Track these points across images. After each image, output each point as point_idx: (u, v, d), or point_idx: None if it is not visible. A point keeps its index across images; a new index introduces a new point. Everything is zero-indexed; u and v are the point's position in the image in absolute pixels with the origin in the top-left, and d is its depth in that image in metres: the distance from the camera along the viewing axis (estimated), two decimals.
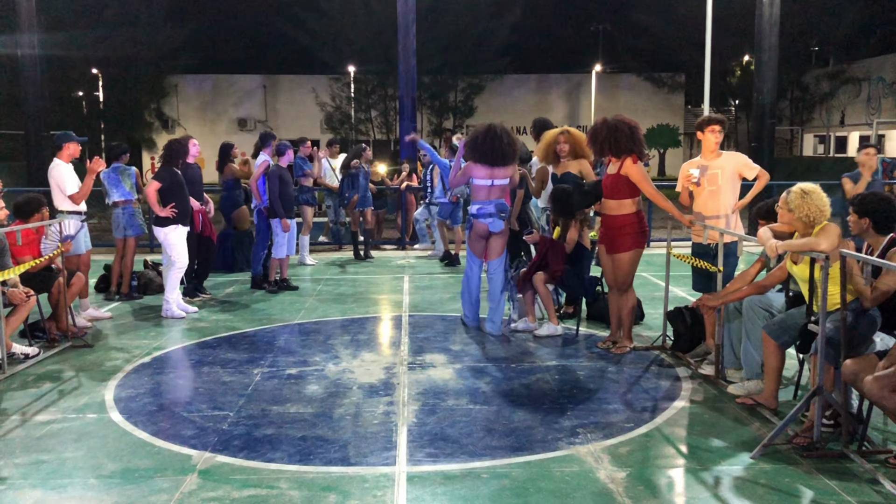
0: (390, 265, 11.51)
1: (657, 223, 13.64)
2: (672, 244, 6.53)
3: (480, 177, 6.85)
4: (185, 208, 7.95)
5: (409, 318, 7.81)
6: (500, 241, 7.06)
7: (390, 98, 34.27)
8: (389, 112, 35.00)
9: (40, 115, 16.85)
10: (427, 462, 4.20)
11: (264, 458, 4.25)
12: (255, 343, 6.90)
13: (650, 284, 9.38)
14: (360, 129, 36.05)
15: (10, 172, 19.13)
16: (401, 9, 14.85)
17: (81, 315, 7.62)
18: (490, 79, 36.16)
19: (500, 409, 5.05)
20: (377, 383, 5.66)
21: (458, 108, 36.18)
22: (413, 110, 15.16)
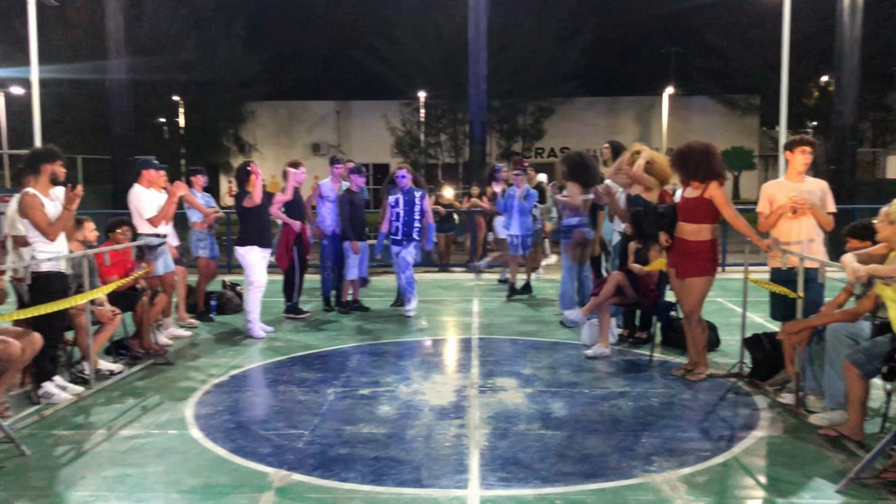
0: (460, 287, 11.55)
1: (733, 247, 13.34)
2: (749, 269, 6.38)
3: (583, 194, 8.25)
4: (265, 229, 8.17)
5: (479, 341, 7.82)
6: (590, 249, 8.39)
7: (459, 122, 34.52)
8: (459, 136, 35.25)
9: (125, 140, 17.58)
10: (499, 486, 4.19)
11: (338, 478, 4.31)
12: (329, 363, 7.01)
13: (726, 310, 9.17)
14: (429, 152, 36.40)
15: (96, 196, 19.96)
16: (472, 35, 15.02)
17: (163, 333, 7.88)
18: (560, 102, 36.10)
19: (572, 435, 5.01)
20: (448, 406, 5.68)
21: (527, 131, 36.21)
22: (483, 134, 15.26)
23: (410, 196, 9.03)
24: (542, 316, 9.19)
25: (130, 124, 17.91)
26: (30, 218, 5.76)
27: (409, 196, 9.03)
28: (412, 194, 9.03)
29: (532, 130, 36.50)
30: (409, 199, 9.02)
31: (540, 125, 36.49)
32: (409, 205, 9.00)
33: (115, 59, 17.08)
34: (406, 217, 8.96)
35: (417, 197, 9.01)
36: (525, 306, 9.86)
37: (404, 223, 8.97)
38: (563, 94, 35.52)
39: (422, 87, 34.91)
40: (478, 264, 10.32)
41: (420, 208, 9.00)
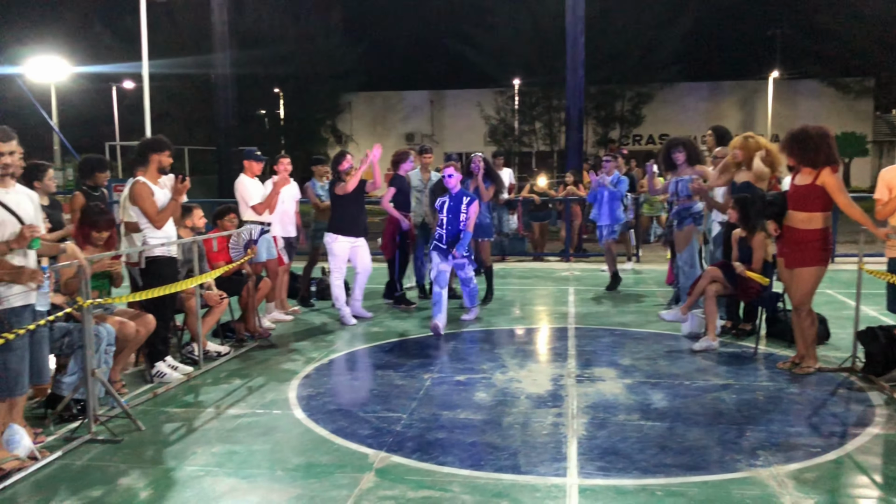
0: (554, 276, 11.46)
1: (844, 237, 12.72)
2: (864, 259, 6.07)
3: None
4: (353, 219, 8.23)
5: (576, 331, 7.74)
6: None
7: (555, 109, 34.14)
8: (554, 123, 34.88)
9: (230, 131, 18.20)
10: (598, 476, 4.14)
11: (437, 461, 4.36)
12: (425, 349, 7.09)
13: (836, 302, 8.76)
14: (523, 140, 36.19)
15: (202, 185, 20.75)
16: (569, 20, 14.81)
17: (266, 318, 8.14)
18: (659, 87, 35.23)
19: (672, 427, 4.90)
20: (545, 394, 5.65)
21: (625, 117, 35.52)
22: (580, 121, 15.06)
23: (457, 201, 7.83)
24: (641, 306, 9.01)
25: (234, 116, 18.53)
26: (139, 206, 6.04)
27: (455, 201, 7.84)
28: (459, 199, 7.83)
29: (630, 117, 35.77)
30: (455, 206, 7.81)
31: (638, 111, 35.72)
32: (454, 212, 7.79)
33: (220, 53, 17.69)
34: (450, 226, 7.79)
35: (464, 204, 7.78)
36: (623, 296, 9.69)
37: (447, 230, 7.81)
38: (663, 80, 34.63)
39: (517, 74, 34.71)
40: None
41: (466, 216, 7.76)
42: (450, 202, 7.82)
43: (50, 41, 30.00)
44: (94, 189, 6.98)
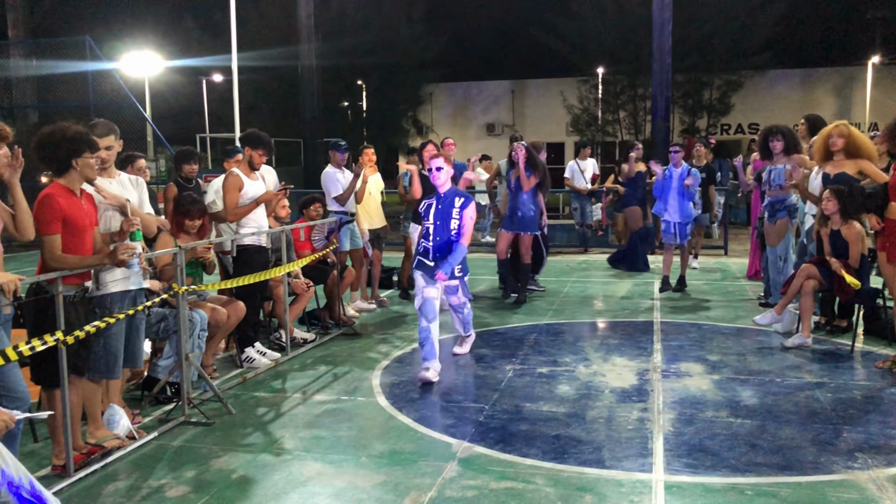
0: None
1: None
2: None
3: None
4: None
5: (661, 325, 7.59)
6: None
7: (640, 98, 33.45)
8: (639, 112, 34.18)
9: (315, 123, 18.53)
10: (686, 472, 4.05)
11: (520, 453, 4.34)
12: (506, 340, 7.07)
13: None
14: (606, 130, 35.58)
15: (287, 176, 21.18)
16: (656, 6, 14.48)
17: (350, 306, 8.28)
18: (749, 75, 34.05)
19: (763, 425, 4.75)
20: (630, 389, 5.56)
21: (712, 106, 34.47)
22: (667, 110, 14.72)
23: (448, 203, 5.97)
24: (730, 300, 8.76)
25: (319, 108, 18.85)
26: (224, 195, 6.23)
27: (445, 203, 5.98)
28: (450, 200, 5.97)
29: (718, 105, 34.68)
30: (445, 209, 5.96)
31: (727, 100, 34.62)
32: (444, 217, 5.96)
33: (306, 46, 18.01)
34: (438, 236, 5.94)
35: (456, 207, 5.93)
36: (711, 290, 9.45)
37: (436, 242, 5.94)
38: (754, 67, 33.43)
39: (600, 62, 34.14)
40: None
41: (459, 224, 5.94)
42: (437, 205, 5.98)
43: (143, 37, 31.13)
44: (187, 181, 7.22)
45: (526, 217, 8.52)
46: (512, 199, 8.55)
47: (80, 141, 4.13)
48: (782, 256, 7.63)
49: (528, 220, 8.55)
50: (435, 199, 6.01)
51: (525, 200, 8.48)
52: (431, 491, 3.87)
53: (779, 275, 7.56)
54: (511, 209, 8.56)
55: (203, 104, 37.23)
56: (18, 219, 3.94)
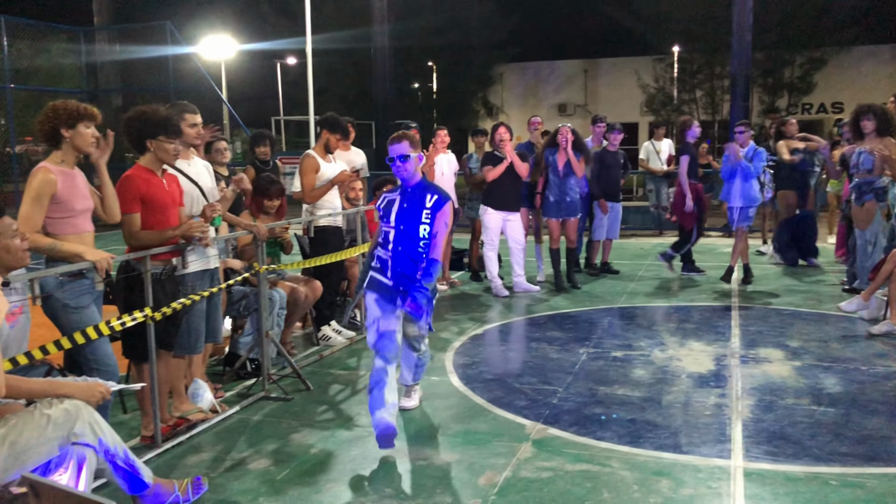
0: (715, 252, 11.00)
1: None
2: None
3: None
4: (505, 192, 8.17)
5: (739, 309, 7.41)
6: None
7: (717, 77, 32.53)
8: (716, 91, 33.27)
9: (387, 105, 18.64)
10: (766, 460, 3.97)
11: (594, 436, 4.32)
12: (579, 323, 7.02)
13: None
14: (682, 110, 34.74)
15: None
16: None
17: None
18: (834, 52, 32.70)
19: (848, 414, 4.60)
20: (707, 374, 5.46)
21: (794, 85, 33.27)
22: (746, 88, 14.29)
23: (416, 202, 4.40)
24: (811, 284, 8.50)
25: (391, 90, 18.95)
26: (300, 177, 6.35)
27: (412, 200, 4.41)
28: (419, 198, 4.40)
29: (800, 84, 33.46)
30: (413, 209, 4.40)
31: (809, 78, 33.37)
32: (410, 220, 4.38)
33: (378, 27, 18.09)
34: (401, 244, 4.39)
35: (427, 206, 4.38)
36: (791, 274, 9.18)
37: (397, 254, 4.40)
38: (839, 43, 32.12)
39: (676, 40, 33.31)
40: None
41: (430, 231, 4.37)
42: (403, 202, 4.41)
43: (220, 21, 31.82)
44: (264, 163, 7.36)
45: (574, 201, 8.40)
46: (559, 185, 8.34)
47: (154, 124, 4.25)
48: (871, 241, 7.34)
49: (576, 204, 8.45)
50: (399, 196, 4.41)
51: (573, 185, 8.35)
52: (506, 471, 3.89)
53: (867, 260, 7.28)
54: (559, 195, 8.35)
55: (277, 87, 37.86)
56: (105, 201, 4.09)
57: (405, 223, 4.38)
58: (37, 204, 3.75)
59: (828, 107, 35.73)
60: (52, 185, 3.77)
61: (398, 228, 4.39)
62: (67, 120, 3.86)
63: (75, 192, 3.88)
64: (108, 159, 4.08)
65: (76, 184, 3.91)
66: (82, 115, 3.88)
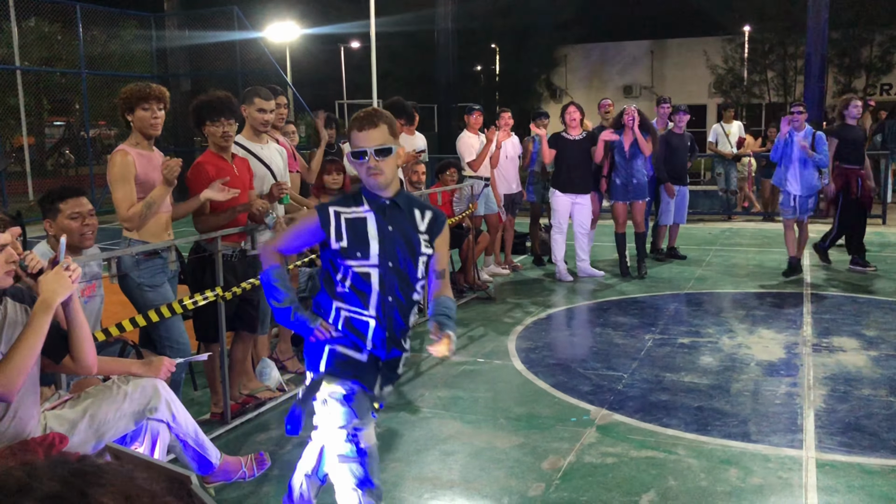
0: None
1: None
2: None
3: None
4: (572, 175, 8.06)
5: (812, 297, 7.19)
6: None
7: (790, 57, 31.50)
8: (788, 72, 32.24)
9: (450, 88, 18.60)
10: (840, 451, 3.85)
11: (660, 423, 4.26)
12: (645, 309, 6.92)
13: None
14: (753, 91, 33.80)
15: None
16: None
17: (485, 270, 8.33)
18: None
19: None
20: (777, 362, 5.32)
21: (872, 64, 32.00)
22: (822, 69, 13.79)
23: (403, 218, 2.75)
24: (889, 273, 8.18)
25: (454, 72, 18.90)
26: None
27: (397, 218, 2.74)
28: (407, 212, 2.76)
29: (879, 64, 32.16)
30: (400, 231, 2.73)
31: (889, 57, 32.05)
32: (401, 246, 2.72)
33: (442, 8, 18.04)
34: (392, 284, 2.71)
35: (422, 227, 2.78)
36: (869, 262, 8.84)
37: (386, 308, 2.71)
38: None
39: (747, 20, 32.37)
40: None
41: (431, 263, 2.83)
42: (382, 225, 2.72)
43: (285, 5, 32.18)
44: (329, 146, 7.40)
45: (641, 184, 8.16)
46: (626, 167, 8.11)
47: (203, 109, 4.31)
48: None
49: (643, 186, 8.21)
50: (373, 215, 2.70)
51: (640, 166, 8.11)
52: (570, 456, 3.87)
53: None
54: (625, 177, 8.12)
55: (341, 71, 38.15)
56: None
57: (393, 257, 2.68)
58: (125, 184, 3.88)
59: None
60: (131, 166, 3.88)
61: (384, 266, 2.66)
62: (127, 104, 3.97)
63: (153, 173, 3.99)
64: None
65: (154, 165, 4.01)
66: (140, 98, 3.96)
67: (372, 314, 2.70)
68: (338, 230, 2.68)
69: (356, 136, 2.69)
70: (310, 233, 2.75)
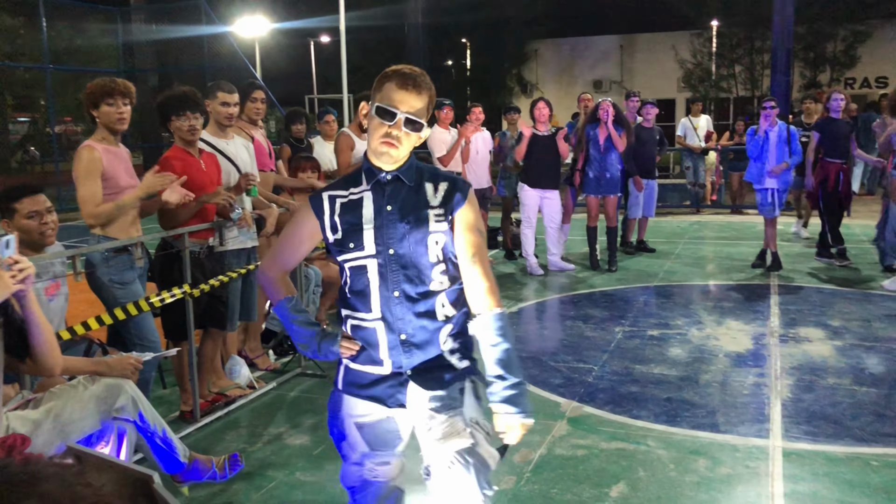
0: (754, 230, 10.82)
1: None
2: None
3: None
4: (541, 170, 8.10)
5: (779, 288, 7.30)
6: None
7: (757, 52, 31.90)
8: (756, 66, 32.62)
9: None
10: (805, 440, 3.91)
11: (630, 415, 4.30)
12: (615, 302, 6.97)
13: None
14: (721, 85, 34.15)
15: None
16: None
17: None
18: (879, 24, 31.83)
19: (890, 394, 4.52)
20: (745, 353, 5.39)
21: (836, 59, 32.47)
22: (787, 63, 13.96)
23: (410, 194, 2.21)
24: (854, 263, 8.31)
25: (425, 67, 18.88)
26: (336, 156, 6.37)
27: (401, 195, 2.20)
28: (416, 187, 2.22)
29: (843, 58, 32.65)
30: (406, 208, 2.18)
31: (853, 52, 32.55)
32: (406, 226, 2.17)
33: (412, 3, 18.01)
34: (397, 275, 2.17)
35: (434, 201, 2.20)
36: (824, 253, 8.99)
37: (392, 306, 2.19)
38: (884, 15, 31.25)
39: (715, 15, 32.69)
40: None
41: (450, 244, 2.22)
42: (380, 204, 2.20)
43: None
44: (298, 141, 7.36)
45: (614, 178, 8.23)
46: (600, 161, 8.16)
47: (167, 104, 4.27)
48: None
49: (616, 181, 8.27)
50: (370, 192, 2.22)
51: (613, 161, 8.16)
52: (541, 448, 3.88)
53: None
54: (599, 171, 8.18)
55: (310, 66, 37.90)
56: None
57: (396, 242, 2.17)
58: (91, 180, 3.82)
59: (871, 81, 34.84)
60: (97, 162, 3.83)
61: (384, 254, 2.17)
62: (91, 100, 3.92)
63: (120, 168, 3.93)
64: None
65: (121, 160, 3.96)
66: (104, 94, 3.91)
67: (377, 317, 2.19)
68: (332, 220, 2.21)
69: (391, 90, 2.17)
70: (305, 230, 2.27)
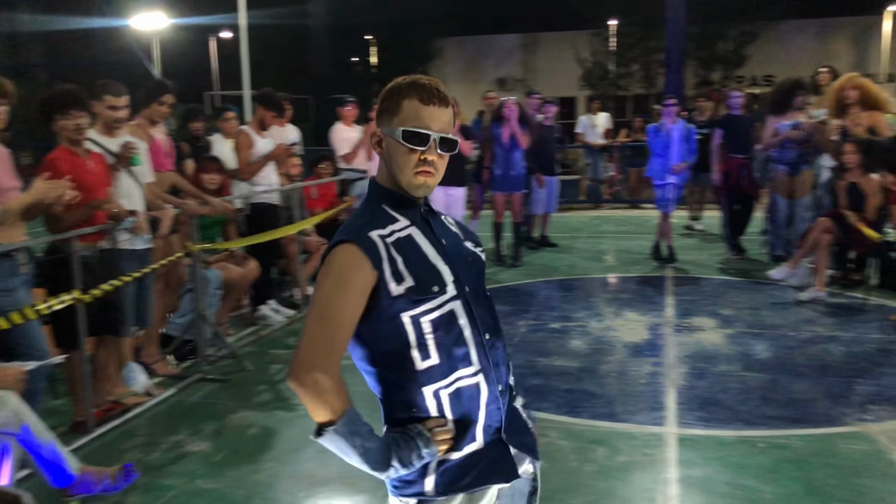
0: (651, 224, 11.18)
1: None
2: None
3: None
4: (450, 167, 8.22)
5: (675, 280, 7.58)
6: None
7: (653, 51, 32.97)
8: (651, 65, 33.71)
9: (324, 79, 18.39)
10: (698, 426, 4.08)
11: (533, 407, 4.34)
12: (519, 296, 7.09)
13: None
14: (619, 84, 35.15)
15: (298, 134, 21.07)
16: None
17: None
18: (765, 25, 33.42)
19: (776, 379, 4.77)
20: (642, 343, 5.58)
21: (727, 58, 33.90)
22: (680, 62, 14.51)
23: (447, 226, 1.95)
24: (750, 253, 8.70)
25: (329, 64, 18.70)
26: (237, 154, 6.24)
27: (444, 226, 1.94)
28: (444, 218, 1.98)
29: (733, 57, 34.12)
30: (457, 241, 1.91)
31: (742, 51, 34.07)
32: (465, 260, 1.88)
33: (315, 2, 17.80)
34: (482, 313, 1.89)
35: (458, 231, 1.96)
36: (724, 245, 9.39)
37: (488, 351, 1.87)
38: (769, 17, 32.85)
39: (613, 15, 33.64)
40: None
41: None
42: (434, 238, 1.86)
43: None
44: (196, 138, 7.16)
45: (520, 176, 8.35)
46: (505, 159, 8.25)
47: (50, 104, 4.09)
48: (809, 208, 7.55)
49: (521, 178, 8.39)
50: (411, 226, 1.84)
51: (518, 159, 8.27)
52: None
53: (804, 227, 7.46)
54: (504, 169, 8.26)
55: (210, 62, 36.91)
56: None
57: (467, 277, 1.86)
58: None
59: (759, 79, 36.55)
60: None
61: (463, 294, 1.83)
62: None
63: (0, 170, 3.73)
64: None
65: (1, 160, 3.76)
66: None
67: (476, 368, 1.79)
68: (393, 267, 1.72)
69: (415, 109, 1.81)
70: (359, 288, 1.72)
